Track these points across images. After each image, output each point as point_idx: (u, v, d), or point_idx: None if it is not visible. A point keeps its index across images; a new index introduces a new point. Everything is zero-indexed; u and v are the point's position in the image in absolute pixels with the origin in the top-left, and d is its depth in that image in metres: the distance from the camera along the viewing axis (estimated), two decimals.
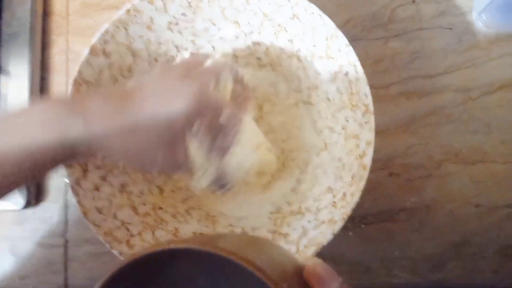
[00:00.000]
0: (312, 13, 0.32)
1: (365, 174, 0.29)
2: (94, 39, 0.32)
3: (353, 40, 0.40)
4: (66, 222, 0.40)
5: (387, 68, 0.39)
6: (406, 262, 0.36)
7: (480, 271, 0.35)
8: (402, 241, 0.36)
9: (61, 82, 0.43)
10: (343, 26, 0.40)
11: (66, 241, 0.40)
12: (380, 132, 0.38)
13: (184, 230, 0.33)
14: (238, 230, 0.34)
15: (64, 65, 0.44)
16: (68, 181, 0.30)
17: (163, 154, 0.26)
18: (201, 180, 0.29)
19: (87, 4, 0.44)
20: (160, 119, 0.25)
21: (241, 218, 0.35)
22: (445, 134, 0.38)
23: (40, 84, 0.43)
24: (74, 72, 0.42)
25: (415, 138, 0.38)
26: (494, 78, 0.38)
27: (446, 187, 0.37)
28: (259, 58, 0.37)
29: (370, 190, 0.37)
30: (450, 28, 0.39)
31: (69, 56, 0.44)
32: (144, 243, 0.31)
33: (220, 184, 0.30)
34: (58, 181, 0.41)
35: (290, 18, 0.33)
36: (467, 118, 0.38)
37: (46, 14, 0.45)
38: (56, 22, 0.44)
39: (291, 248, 0.30)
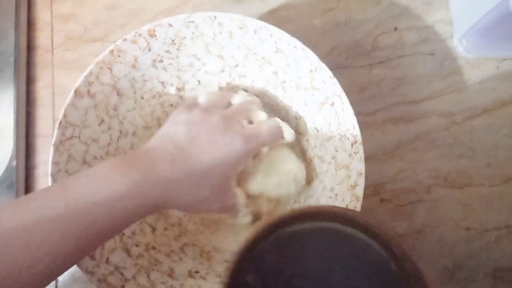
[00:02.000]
0: (295, 47, 0.32)
1: (359, 205, 0.30)
2: (78, 82, 0.32)
3: (339, 68, 0.41)
4: None
5: (373, 95, 0.40)
6: None
7: None
8: None
9: (47, 116, 0.43)
10: (328, 54, 0.41)
11: (57, 281, 0.39)
12: (368, 158, 0.38)
13: (179, 270, 0.33)
14: None
15: (50, 99, 0.43)
16: None
17: (217, 199, 0.30)
18: (244, 218, 0.33)
19: (71, 37, 0.44)
20: (217, 164, 0.29)
21: None
22: (432, 159, 0.38)
23: (26, 119, 0.43)
24: (60, 106, 0.43)
25: (403, 163, 0.39)
26: (477, 103, 0.39)
27: (436, 211, 0.37)
28: (245, 90, 0.38)
29: None
30: (432, 54, 0.40)
31: (55, 90, 0.43)
32: (139, 287, 0.30)
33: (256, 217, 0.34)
34: None
35: (274, 52, 0.34)
36: (452, 142, 0.39)
37: (30, 48, 0.44)
38: (41, 56, 0.44)
39: None
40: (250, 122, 0.32)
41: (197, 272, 0.34)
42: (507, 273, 0.36)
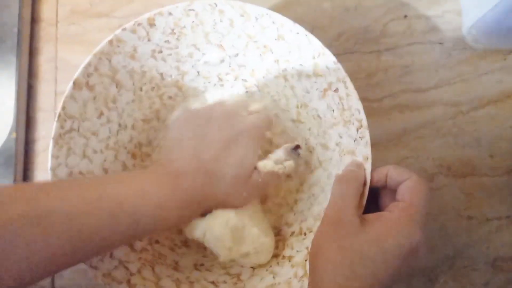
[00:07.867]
0: (298, 33, 0.31)
1: (366, 190, 0.29)
2: (76, 73, 0.31)
3: (346, 53, 0.40)
4: None
5: (380, 81, 0.40)
6: None
7: (471, 284, 0.36)
8: None
9: (49, 90, 0.42)
10: (336, 39, 0.41)
11: None
12: (373, 145, 0.37)
13: (184, 262, 0.33)
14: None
15: (53, 73, 0.43)
16: None
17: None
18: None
19: (76, 10, 0.43)
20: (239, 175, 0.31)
21: None
22: (436, 148, 0.38)
23: (27, 91, 0.42)
24: (62, 80, 0.42)
25: (407, 151, 0.39)
26: (483, 93, 0.39)
27: (438, 200, 0.37)
28: (244, 80, 0.37)
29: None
30: (440, 43, 0.40)
31: (58, 64, 0.43)
32: (145, 281, 0.30)
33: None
34: None
35: (276, 39, 0.33)
36: (457, 132, 0.39)
37: (34, 20, 0.43)
38: (44, 29, 0.43)
39: (298, 271, 0.30)
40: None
41: (202, 264, 0.34)
42: (506, 263, 0.36)
